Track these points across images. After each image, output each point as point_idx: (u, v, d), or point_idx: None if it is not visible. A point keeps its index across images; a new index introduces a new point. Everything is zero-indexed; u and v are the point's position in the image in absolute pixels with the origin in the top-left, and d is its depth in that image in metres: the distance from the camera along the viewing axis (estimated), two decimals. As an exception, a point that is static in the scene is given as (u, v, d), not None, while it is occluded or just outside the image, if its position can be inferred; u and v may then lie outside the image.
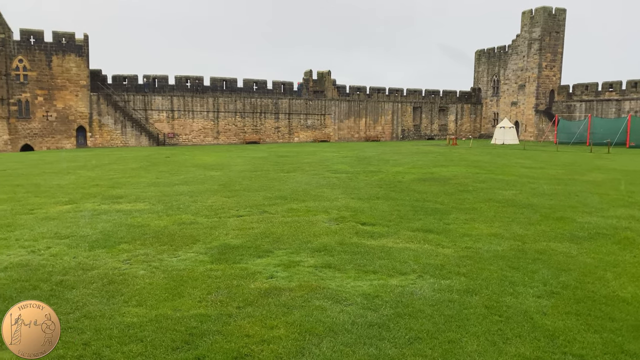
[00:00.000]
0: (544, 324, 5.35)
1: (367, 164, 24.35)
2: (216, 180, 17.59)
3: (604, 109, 50.03)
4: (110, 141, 45.04)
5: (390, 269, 7.29)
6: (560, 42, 53.96)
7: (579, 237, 9.27)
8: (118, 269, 7.26)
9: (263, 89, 51.70)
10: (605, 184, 16.94)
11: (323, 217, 10.99)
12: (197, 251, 8.25)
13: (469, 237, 9.23)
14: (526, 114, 55.84)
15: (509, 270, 7.17)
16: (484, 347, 4.81)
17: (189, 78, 48.88)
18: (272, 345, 4.83)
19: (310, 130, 53.60)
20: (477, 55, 63.52)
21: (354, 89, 56.23)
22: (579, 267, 7.35)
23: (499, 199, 13.39)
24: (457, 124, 62.00)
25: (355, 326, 5.26)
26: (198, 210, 11.84)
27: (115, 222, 10.48)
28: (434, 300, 6.01)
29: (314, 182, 17.16)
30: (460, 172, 20.33)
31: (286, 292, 6.31)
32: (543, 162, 25.93)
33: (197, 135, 48.73)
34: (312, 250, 8.29)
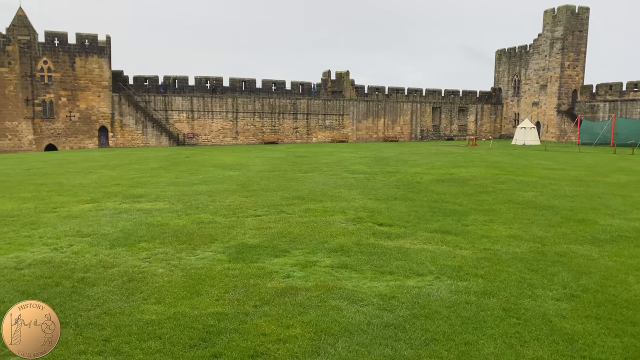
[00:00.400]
0: (562, 327, 5.27)
1: (385, 164, 24.27)
2: (234, 180, 17.74)
3: (628, 109, 48.94)
4: (132, 141, 45.75)
5: (407, 270, 7.27)
6: (583, 41, 52.97)
7: (600, 239, 9.10)
8: (138, 267, 7.39)
9: (281, 89, 51.93)
10: (629, 185, 16.59)
11: (340, 218, 11.00)
12: (215, 250, 8.34)
13: (488, 238, 9.14)
14: (548, 114, 54.96)
15: (527, 273, 7.08)
16: (501, 350, 4.77)
17: (208, 79, 49.35)
18: (288, 344, 4.86)
19: (329, 130, 53.62)
20: (497, 55, 62.76)
21: (372, 89, 56.08)
22: (600, 270, 7.22)
23: (518, 201, 13.23)
24: (477, 125, 61.34)
25: (371, 327, 5.26)
26: (216, 209, 11.96)
27: (136, 220, 10.65)
28: (450, 301, 5.97)
29: (331, 182, 17.17)
30: (480, 173, 20.12)
31: (302, 291, 6.34)
32: (565, 163, 25.50)
33: (217, 135, 49.17)
34: (329, 251, 8.31)
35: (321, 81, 54.40)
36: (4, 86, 41.55)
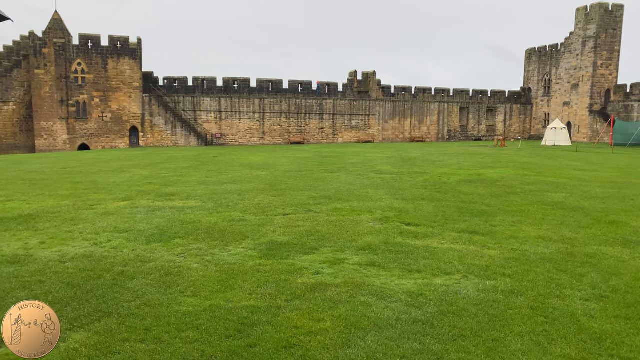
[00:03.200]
0: (591, 326, 5.31)
1: (411, 165, 24.25)
2: (262, 180, 18.05)
3: (664, 109, 47.47)
4: (161, 141, 46.77)
5: (434, 268, 7.37)
6: (617, 39, 51.64)
7: (632, 241, 9.01)
8: (173, 261, 7.70)
9: (308, 89, 52.27)
10: (664, 187, 16.20)
11: (367, 217, 11.14)
12: (247, 247, 8.60)
13: (516, 239, 9.15)
14: (579, 114, 53.76)
15: (556, 273, 7.10)
16: (529, 347, 4.85)
17: (236, 80, 50.07)
18: (320, 337, 5.05)
19: (354, 130, 53.69)
20: (527, 54, 61.71)
21: (399, 89, 55.89)
22: (630, 272, 7.18)
23: (548, 202, 13.12)
24: (505, 125, 60.44)
25: (399, 322, 5.41)
26: (246, 208, 12.25)
27: (169, 218, 11.02)
28: (478, 300, 6.06)
29: (358, 182, 17.31)
30: (508, 174, 19.94)
31: (332, 287, 6.52)
32: (596, 164, 24.99)
33: (244, 135, 49.84)
34: (357, 249, 8.47)
35: (347, 81, 54.49)
36: (40, 87, 43.06)
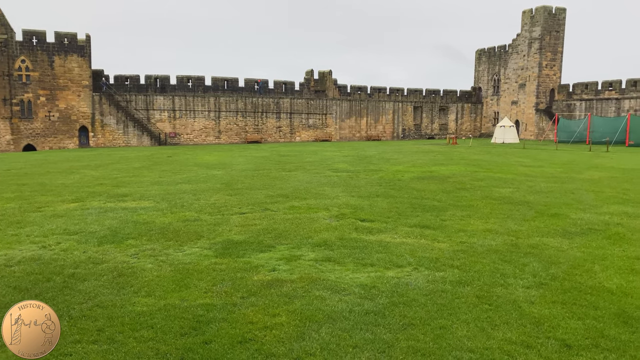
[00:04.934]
0: (531, 312, 5.66)
1: (367, 162, 24.66)
2: (218, 179, 17.92)
3: (603, 108, 50.28)
4: (113, 141, 45.42)
5: (387, 262, 7.61)
6: (560, 41, 54.20)
7: (571, 232, 9.57)
8: (127, 262, 7.59)
9: (264, 88, 52.05)
10: (602, 182, 17.22)
11: (324, 214, 11.31)
12: (202, 246, 8.58)
13: (465, 232, 9.54)
14: (526, 112, 56.10)
15: (500, 263, 7.48)
16: (473, 333, 5.12)
17: (190, 78, 49.25)
18: (275, 331, 5.15)
19: (312, 129, 53.92)
20: (477, 55, 63.78)
21: (355, 88, 56.55)
22: (568, 261, 7.66)
23: (495, 197, 13.70)
24: (457, 123, 62.27)
25: (352, 314, 5.58)
26: (201, 207, 12.16)
27: (122, 219, 10.81)
28: (427, 290, 6.33)
29: (315, 180, 17.47)
30: (459, 170, 20.64)
31: (288, 283, 6.63)
32: (542, 160, 26.22)
33: (199, 134, 49.08)
34: (313, 245, 8.60)
35: (304, 80, 54.66)
36: (-19, 85, 40.89)
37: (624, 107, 48.26)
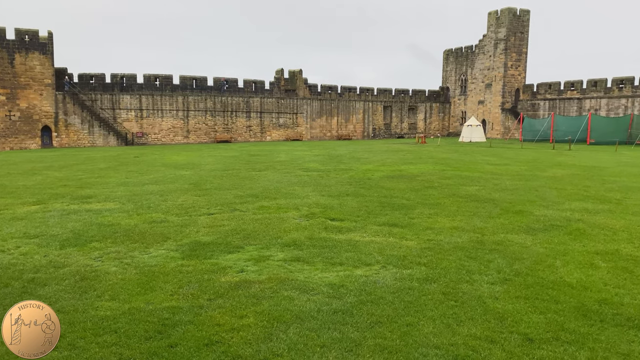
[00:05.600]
0: (495, 307, 5.78)
1: (338, 162, 24.74)
2: (186, 180, 17.66)
3: (566, 107, 51.86)
4: (77, 141, 44.19)
5: (356, 260, 7.64)
6: (525, 42, 55.61)
7: (534, 229, 9.83)
8: (90, 265, 7.39)
9: (234, 87, 51.57)
10: (564, 179, 17.75)
11: (293, 214, 11.28)
12: (168, 248, 8.43)
13: (432, 230, 9.67)
14: (493, 112, 57.35)
15: (466, 260, 7.62)
16: (439, 329, 5.20)
17: (158, 77, 48.35)
18: (242, 333, 5.10)
19: (283, 129, 53.74)
20: (445, 55, 64.80)
21: (325, 88, 56.64)
22: (531, 256, 7.86)
23: (462, 195, 13.95)
24: (426, 123, 63.14)
25: (320, 313, 5.57)
26: (168, 209, 11.96)
27: (86, 221, 10.52)
28: (395, 288, 6.38)
29: (285, 180, 17.42)
30: (427, 169, 20.93)
31: (256, 284, 6.58)
32: (507, 159, 26.84)
33: (167, 134, 48.26)
34: (282, 245, 8.57)
35: (274, 79, 54.42)
36: (-64, 84, 39.13)
37: (585, 107, 49.90)
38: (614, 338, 5.02)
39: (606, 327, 5.28)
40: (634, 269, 7.22)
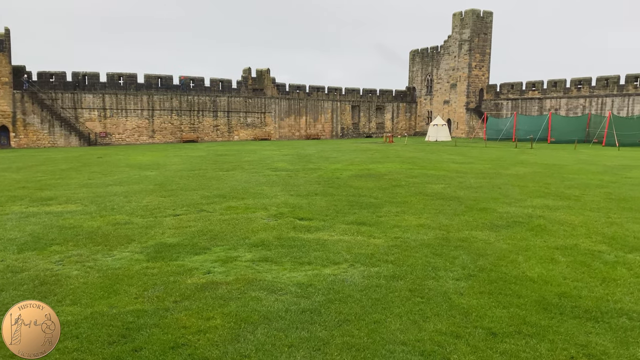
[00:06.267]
0: (460, 303, 5.89)
1: (307, 161, 24.74)
2: (152, 180, 17.32)
3: (527, 107, 53.37)
4: (37, 141, 42.71)
5: (324, 259, 7.66)
6: (488, 43, 56.92)
7: (497, 225, 10.07)
8: (50, 270, 7.15)
9: (200, 86, 50.86)
10: (526, 177, 18.27)
11: (262, 214, 11.21)
12: (133, 250, 8.24)
13: (399, 228, 9.79)
14: (458, 112, 58.49)
15: (432, 257, 7.74)
16: (406, 326, 5.26)
17: (121, 75, 47.22)
18: (209, 334, 5.03)
19: (251, 128, 53.35)
20: (411, 55, 65.68)
21: (293, 87, 56.55)
22: (495, 252, 8.05)
23: (428, 193, 14.17)
24: (393, 122, 63.87)
25: (288, 313, 5.56)
26: (133, 210, 11.70)
27: (45, 224, 10.18)
28: (362, 286, 6.43)
29: (253, 180, 17.30)
30: (395, 168, 21.17)
31: (223, 285, 6.51)
32: (472, 157, 27.43)
33: (131, 134, 47.19)
34: (250, 246, 8.50)
35: (241, 78, 53.97)
36: None
37: (546, 106, 51.49)
38: (572, 330, 5.20)
39: (565, 319, 5.46)
40: (591, 263, 7.49)
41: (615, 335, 5.09)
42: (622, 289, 6.41)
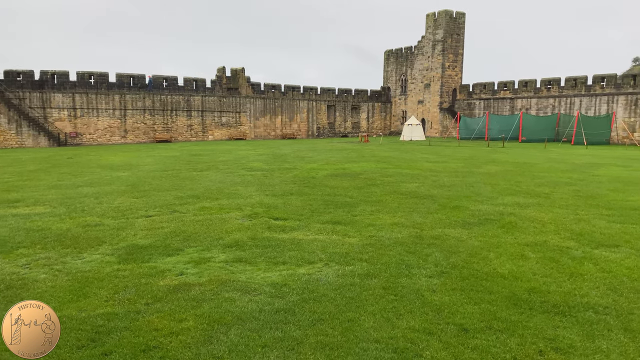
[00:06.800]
0: (432, 300, 5.96)
1: (282, 161, 24.67)
2: (124, 181, 17.01)
3: (499, 107, 54.39)
4: (4, 142, 41.45)
5: (299, 259, 7.65)
6: (461, 43, 57.79)
7: (470, 223, 10.23)
8: (16, 273, 6.94)
9: (174, 85, 50.16)
10: (498, 175, 18.61)
11: (236, 214, 11.13)
12: (104, 252, 8.08)
13: (374, 226, 9.85)
14: (432, 111, 59.20)
15: (406, 255, 7.81)
16: (380, 323, 5.30)
17: (92, 74, 46.19)
18: (181, 337, 4.97)
19: (225, 128, 52.91)
20: (386, 56, 66.18)
21: (269, 86, 56.31)
22: (467, 250, 8.17)
23: (403, 191, 14.30)
24: (368, 122, 64.24)
25: (262, 313, 5.53)
26: (104, 211, 11.47)
27: (12, 226, 9.89)
28: (337, 285, 6.44)
29: (228, 180, 17.16)
30: (370, 167, 21.30)
31: (196, 287, 6.43)
32: (446, 156, 27.80)
33: (103, 134, 46.24)
34: (224, 246, 8.43)
35: (216, 77, 53.47)
36: None
37: (517, 106, 52.56)
38: (541, 324, 5.31)
39: (535, 314, 5.58)
40: (559, 259, 7.68)
41: (582, 328, 5.23)
42: (588, 283, 6.59)
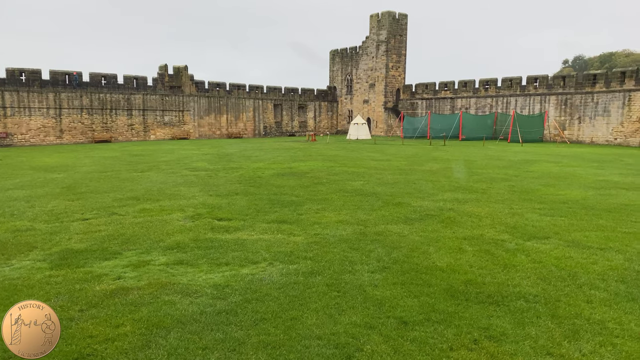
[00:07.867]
0: (374, 294, 6.07)
1: (228, 161, 24.33)
2: (58, 183, 16.19)
3: (440, 106, 56.14)
4: None
5: (242, 259, 7.57)
6: (404, 44, 59.16)
7: (411, 219, 10.50)
8: None
9: (113, 83, 48.24)
10: (439, 172, 19.22)
11: (178, 216, 10.86)
12: (35, 258, 7.66)
13: (319, 224, 9.90)
14: (376, 111, 60.27)
15: (350, 252, 7.91)
16: (322, 320, 5.33)
17: (23, 71, 43.61)
18: (117, 342, 4.79)
19: (168, 127, 51.50)
20: (331, 55, 66.69)
21: (213, 85, 55.32)
22: (408, 244, 8.38)
23: (348, 190, 14.47)
24: (315, 121, 64.53)
25: (203, 315, 5.43)
26: (36, 215, 10.87)
27: None
28: (280, 283, 6.43)
29: (170, 180, 16.72)
30: (317, 166, 21.40)
31: (134, 291, 6.23)
32: (390, 155, 28.39)
33: (36, 134, 43.79)
34: (164, 249, 8.21)
35: (157, 75, 51.94)
36: None
37: (457, 106, 54.46)
38: (476, 314, 5.53)
39: (470, 305, 5.81)
40: (494, 251, 8.03)
41: (513, 317, 5.49)
42: (520, 273, 6.93)
